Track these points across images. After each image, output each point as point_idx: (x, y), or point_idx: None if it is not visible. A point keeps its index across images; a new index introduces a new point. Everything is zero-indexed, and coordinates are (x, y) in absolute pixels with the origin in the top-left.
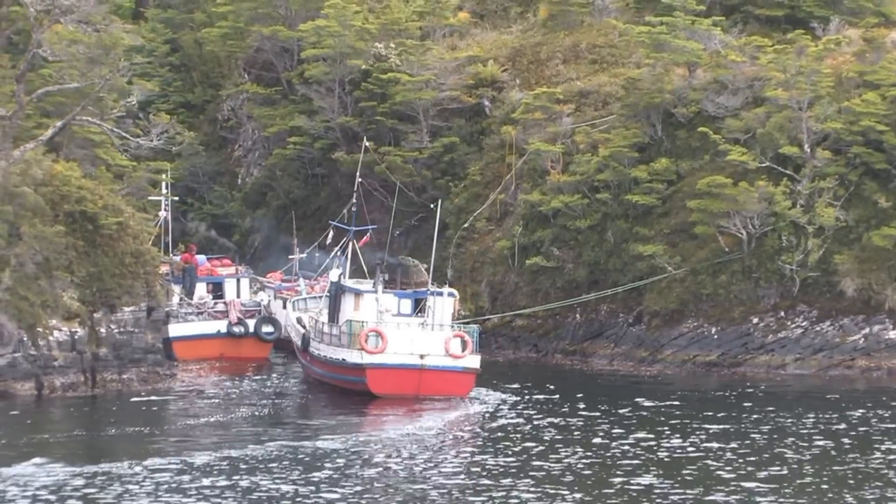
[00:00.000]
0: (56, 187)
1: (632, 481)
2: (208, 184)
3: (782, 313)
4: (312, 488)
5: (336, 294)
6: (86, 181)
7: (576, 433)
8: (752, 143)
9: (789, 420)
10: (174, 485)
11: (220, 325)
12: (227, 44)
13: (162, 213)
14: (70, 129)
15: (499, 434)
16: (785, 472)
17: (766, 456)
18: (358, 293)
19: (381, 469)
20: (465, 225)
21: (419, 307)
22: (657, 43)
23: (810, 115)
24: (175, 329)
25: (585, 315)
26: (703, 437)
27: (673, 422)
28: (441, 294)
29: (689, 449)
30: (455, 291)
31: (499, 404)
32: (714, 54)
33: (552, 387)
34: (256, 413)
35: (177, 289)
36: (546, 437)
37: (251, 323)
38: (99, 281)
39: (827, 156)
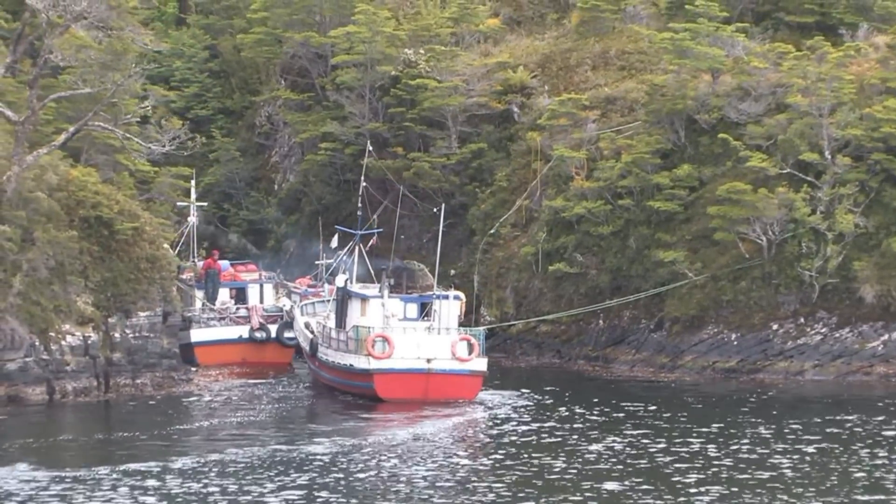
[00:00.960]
0: (71, 192)
1: (623, 486)
2: (245, 190)
3: (802, 320)
4: (307, 493)
5: (342, 299)
6: (102, 186)
7: (576, 438)
8: (774, 150)
9: (795, 425)
10: (148, 490)
11: (243, 331)
12: (263, 50)
13: (190, 219)
14: (90, 134)
15: (502, 439)
16: (783, 475)
17: (766, 460)
18: (364, 298)
19: (376, 473)
20: (492, 231)
21: (425, 311)
22: (680, 49)
23: (831, 122)
24: (197, 334)
25: (608, 321)
26: (704, 441)
27: (679, 427)
28: (447, 297)
29: (691, 453)
30: (461, 294)
31: (509, 409)
32: (737, 61)
33: (565, 392)
34: (254, 418)
35: (199, 294)
36: (546, 442)
37: (273, 328)
38: (114, 286)
39: (847, 162)
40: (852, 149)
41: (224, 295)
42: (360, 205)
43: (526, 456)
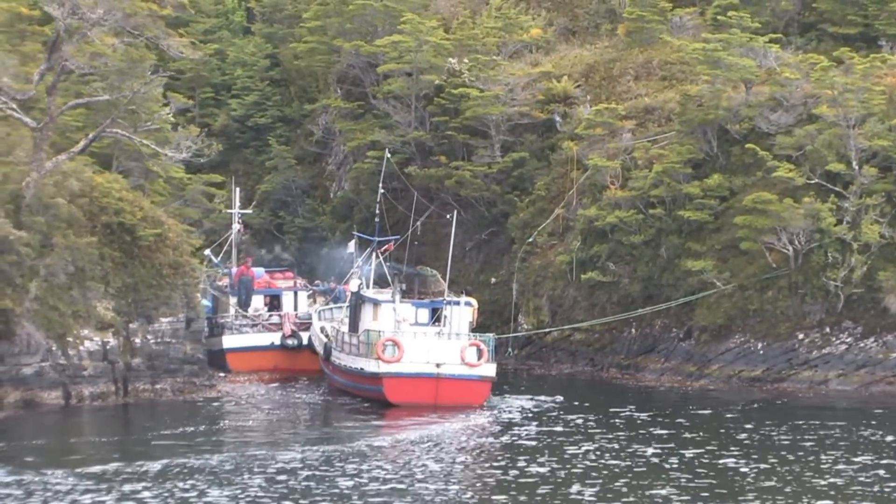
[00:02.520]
0: (95, 199)
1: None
2: (301, 198)
3: (827, 329)
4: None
5: (356, 304)
6: (126, 193)
7: (570, 442)
8: (803, 160)
9: (807, 434)
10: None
11: (275, 337)
12: (317, 59)
13: (235, 227)
14: (120, 141)
15: (501, 445)
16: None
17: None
18: (376, 303)
19: (354, 480)
20: (530, 240)
21: (436, 316)
22: (712, 60)
23: (859, 133)
24: (229, 340)
25: (640, 330)
26: (690, 449)
27: (668, 434)
28: (458, 303)
29: (675, 458)
30: (473, 301)
31: (516, 415)
32: (770, 72)
33: (584, 399)
34: (249, 423)
35: (233, 300)
36: (536, 446)
37: (305, 335)
38: (135, 292)
39: (874, 173)
40: (880, 159)
41: (258, 302)
42: (377, 212)
43: (517, 460)
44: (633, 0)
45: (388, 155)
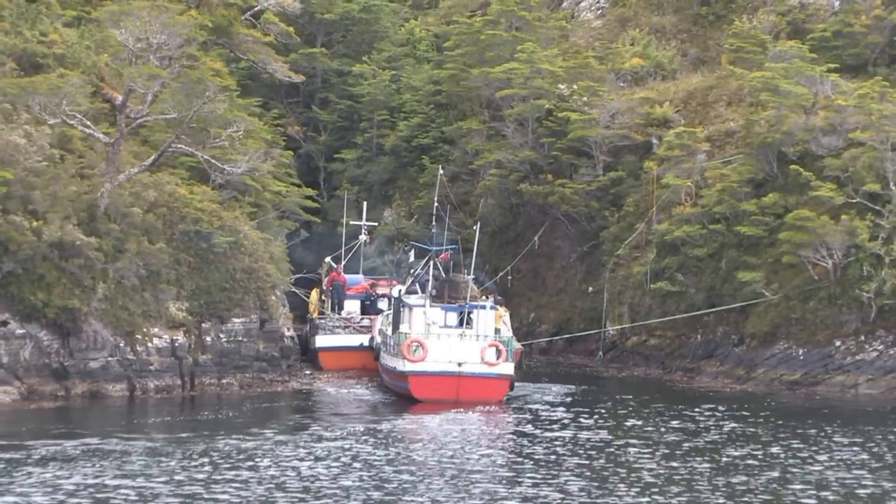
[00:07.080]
0: (175, 209)
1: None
2: (453, 213)
3: (862, 337)
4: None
5: (397, 308)
6: (209, 203)
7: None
8: (848, 181)
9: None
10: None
11: (364, 339)
12: (460, 84)
13: (362, 237)
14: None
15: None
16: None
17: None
18: (410, 307)
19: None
20: (618, 252)
21: (463, 319)
22: (771, 87)
23: None
24: (321, 340)
25: (705, 336)
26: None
27: (652, 427)
28: (483, 308)
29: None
30: (498, 305)
31: (547, 413)
32: (826, 99)
33: (627, 401)
34: (241, 416)
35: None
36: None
37: None
38: (207, 294)
39: None
40: None
41: (352, 305)
42: (433, 223)
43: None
44: (734, 32)
45: (441, 172)
